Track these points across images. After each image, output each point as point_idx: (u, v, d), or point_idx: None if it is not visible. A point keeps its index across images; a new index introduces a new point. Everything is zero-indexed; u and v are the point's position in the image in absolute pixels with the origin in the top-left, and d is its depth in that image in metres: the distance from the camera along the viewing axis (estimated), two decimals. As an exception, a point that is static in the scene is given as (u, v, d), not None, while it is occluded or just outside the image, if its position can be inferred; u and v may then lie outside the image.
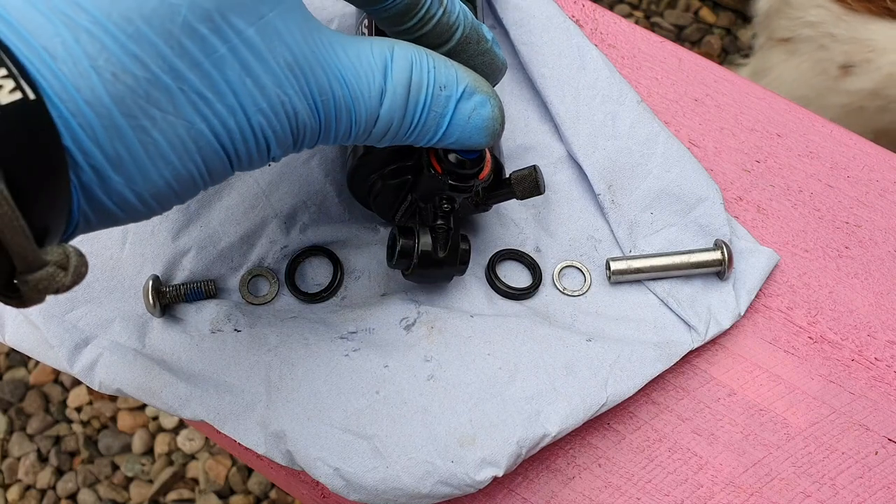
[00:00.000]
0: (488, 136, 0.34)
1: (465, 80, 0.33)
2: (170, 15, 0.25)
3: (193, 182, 0.28)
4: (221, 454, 1.12)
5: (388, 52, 0.31)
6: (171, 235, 0.43)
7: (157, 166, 0.26)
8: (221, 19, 0.26)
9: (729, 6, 1.44)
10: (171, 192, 0.27)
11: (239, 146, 0.28)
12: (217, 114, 0.27)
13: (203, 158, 0.27)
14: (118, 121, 0.25)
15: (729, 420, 0.43)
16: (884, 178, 0.50)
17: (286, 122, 0.28)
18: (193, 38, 0.25)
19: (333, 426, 0.38)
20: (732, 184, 0.49)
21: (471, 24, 0.34)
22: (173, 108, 0.26)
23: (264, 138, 0.28)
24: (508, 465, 0.38)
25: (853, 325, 0.46)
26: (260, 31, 0.27)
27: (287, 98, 0.28)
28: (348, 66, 0.29)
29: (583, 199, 0.47)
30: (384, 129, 0.31)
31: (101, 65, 0.24)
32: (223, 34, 0.26)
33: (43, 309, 0.41)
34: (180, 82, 0.25)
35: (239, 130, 0.27)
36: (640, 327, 0.44)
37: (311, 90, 0.28)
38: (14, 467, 1.13)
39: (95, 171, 0.25)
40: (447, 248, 0.39)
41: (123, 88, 0.24)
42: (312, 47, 0.28)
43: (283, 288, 0.44)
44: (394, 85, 0.30)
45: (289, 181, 0.45)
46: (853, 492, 0.42)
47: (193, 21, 0.25)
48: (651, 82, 0.52)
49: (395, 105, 0.31)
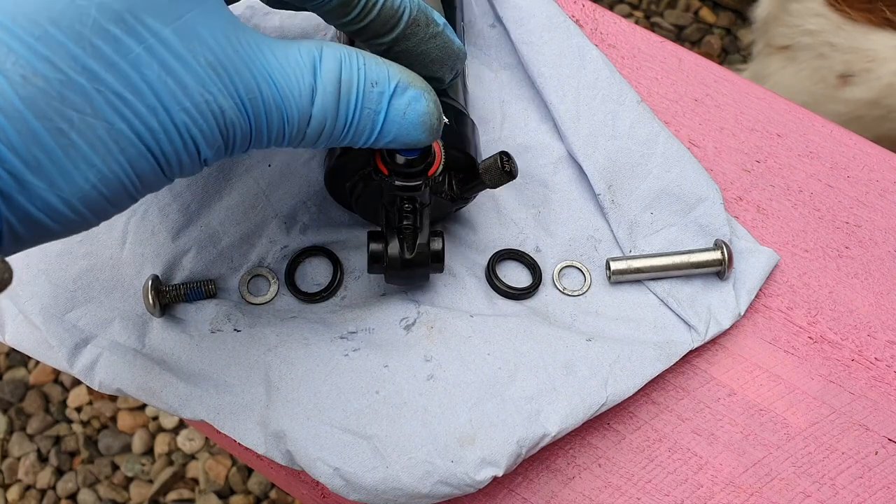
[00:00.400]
0: (426, 131, 0.33)
1: (396, 76, 0.32)
2: (78, 17, 0.25)
3: (123, 187, 0.27)
4: (221, 454, 1.12)
5: (315, 52, 0.31)
6: (171, 235, 0.43)
7: (80, 169, 0.26)
8: (134, 20, 0.26)
9: (729, 6, 1.44)
10: (101, 198, 0.27)
11: (165, 146, 0.27)
12: (138, 113, 0.26)
13: (128, 160, 0.27)
14: (32, 124, 0.24)
15: (729, 420, 0.43)
16: (884, 178, 0.50)
17: (213, 120, 0.28)
18: (106, 38, 0.25)
19: (333, 426, 0.38)
20: (732, 184, 0.49)
21: (417, 8, 0.34)
22: (91, 109, 0.25)
23: (191, 138, 0.28)
24: (508, 465, 0.38)
25: (853, 325, 0.46)
26: (177, 31, 0.27)
27: (211, 97, 0.28)
28: (276, 66, 0.29)
29: (583, 199, 0.47)
30: (318, 129, 0.31)
31: (8, 68, 0.24)
32: (137, 34, 0.26)
33: (43, 309, 0.41)
34: (96, 83, 0.25)
35: (163, 130, 0.27)
36: (640, 327, 0.44)
37: (237, 89, 0.28)
38: (14, 467, 1.13)
39: (12, 176, 0.24)
40: (415, 248, 0.39)
41: (35, 91, 0.24)
42: (236, 47, 0.28)
43: (283, 288, 0.44)
44: (324, 83, 0.30)
45: (289, 181, 0.45)
46: (853, 492, 0.42)
47: (104, 22, 0.25)
48: (651, 82, 0.52)
49: (326, 103, 0.31)
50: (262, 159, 0.45)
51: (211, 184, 0.44)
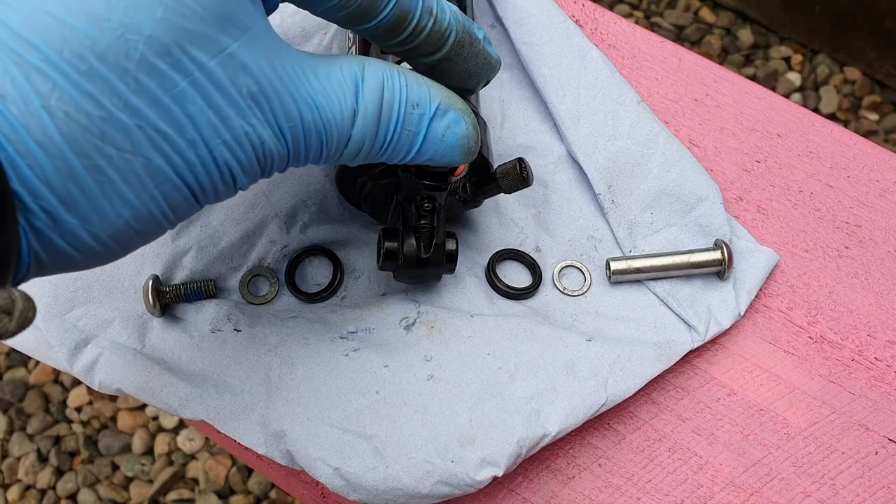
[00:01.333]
0: (463, 153, 0.33)
1: (437, 98, 0.32)
2: (125, 51, 0.24)
3: (155, 220, 0.27)
4: (221, 454, 1.12)
5: (358, 72, 0.30)
6: (171, 235, 0.43)
7: (115, 206, 0.25)
8: (182, 53, 0.25)
9: (729, 6, 1.44)
10: (131, 232, 0.27)
11: (202, 179, 0.27)
12: (176, 148, 0.26)
13: (163, 195, 0.26)
14: (71, 161, 0.24)
15: (729, 420, 0.43)
16: (884, 178, 0.50)
17: (251, 151, 0.28)
18: (152, 73, 0.25)
19: (333, 426, 0.38)
20: (732, 184, 0.49)
21: (462, 27, 0.33)
22: (130, 146, 0.25)
23: (229, 170, 0.28)
24: (508, 465, 0.38)
25: (853, 325, 0.46)
26: (222, 63, 0.26)
27: (251, 128, 0.27)
28: (318, 90, 0.29)
29: (583, 199, 0.47)
30: (356, 149, 0.31)
31: (52, 104, 0.23)
32: (183, 68, 0.25)
33: (43, 309, 0.41)
34: (137, 119, 0.25)
35: (201, 163, 0.27)
36: (640, 327, 0.44)
37: (278, 118, 0.28)
38: (14, 467, 1.13)
39: (47, 213, 0.24)
40: (431, 247, 0.39)
41: (77, 128, 0.24)
42: (280, 73, 0.28)
43: (283, 288, 0.44)
44: (365, 104, 0.30)
45: (289, 181, 0.45)
46: (853, 492, 0.42)
47: (151, 56, 0.25)
48: (651, 82, 0.52)
49: (366, 125, 0.30)
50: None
51: (211, 184, 0.44)
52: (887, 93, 1.37)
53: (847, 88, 1.38)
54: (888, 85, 1.37)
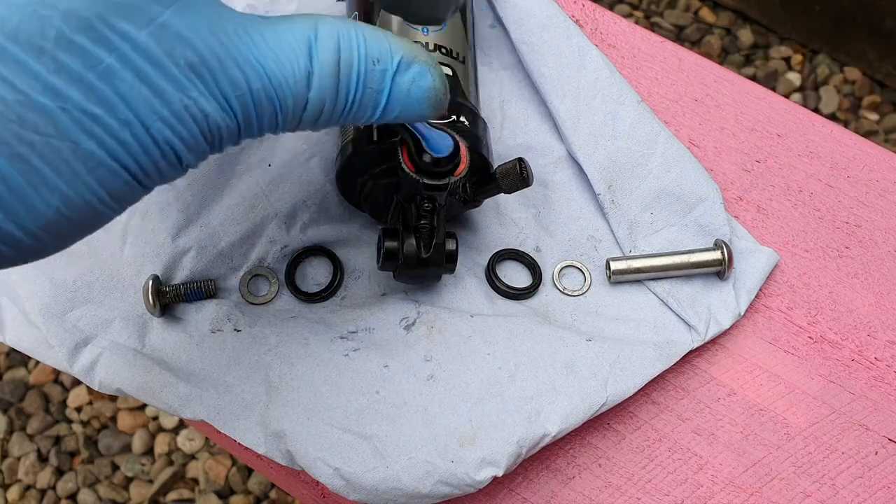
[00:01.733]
0: (431, 107, 0.31)
1: (399, 52, 0.30)
2: (39, 29, 0.23)
3: (93, 209, 0.25)
4: (221, 454, 1.12)
5: (310, 31, 0.28)
6: (171, 235, 0.43)
7: (43, 195, 0.24)
8: (105, 26, 0.23)
9: (729, 6, 1.44)
10: (66, 223, 0.25)
11: (142, 160, 0.25)
12: (108, 129, 0.24)
13: (98, 180, 0.25)
14: None
15: (729, 420, 0.43)
16: (884, 178, 0.50)
17: (194, 126, 0.26)
18: (71, 51, 0.23)
19: (333, 426, 0.38)
20: (732, 184, 0.49)
21: None
22: (55, 130, 0.23)
23: (171, 148, 0.26)
24: (508, 465, 0.38)
25: (853, 325, 0.46)
26: (154, 33, 0.24)
27: (192, 101, 0.25)
28: (267, 53, 0.27)
29: (583, 199, 0.47)
30: (316, 113, 0.29)
31: None
32: (107, 43, 0.23)
33: (43, 309, 0.41)
34: (60, 101, 0.23)
35: (138, 144, 0.25)
36: (640, 327, 0.44)
37: (222, 88, 0.26)
38: (14, 467, 1.13)
39: None
40: (431, 247, 0.39)
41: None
42: (222, 40, 0.26)
43: (283, 288, 0.44)
44: (321, 65, 0.28)
45: (289, 181, 0.45)
46: (853, 492, 0.42)
47: (70, 32, 0.23)
48: (651, 82, 0.52)
49: (324, 86, 0.28)
50: (262, 159, 0.45)
51: (211, 183, 0.44)
52: (887, 93, 1.37)
53: (847, 88, 1.38)
54: (888, 85, 1.37)
